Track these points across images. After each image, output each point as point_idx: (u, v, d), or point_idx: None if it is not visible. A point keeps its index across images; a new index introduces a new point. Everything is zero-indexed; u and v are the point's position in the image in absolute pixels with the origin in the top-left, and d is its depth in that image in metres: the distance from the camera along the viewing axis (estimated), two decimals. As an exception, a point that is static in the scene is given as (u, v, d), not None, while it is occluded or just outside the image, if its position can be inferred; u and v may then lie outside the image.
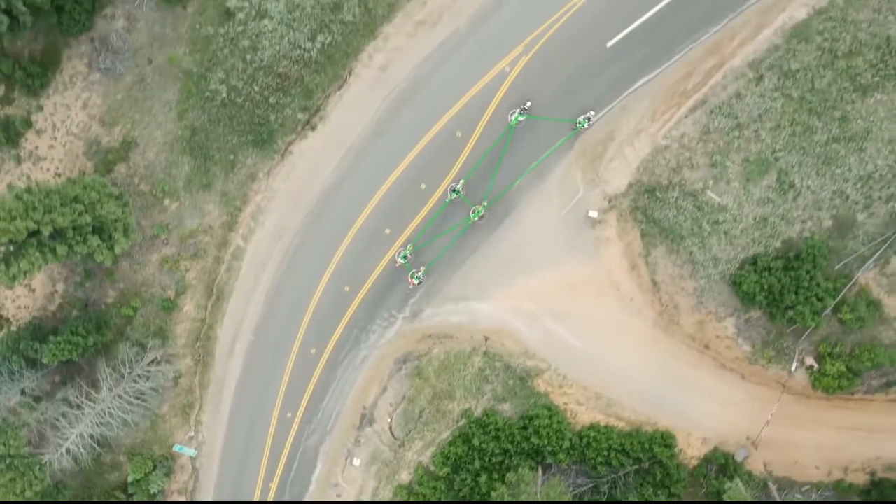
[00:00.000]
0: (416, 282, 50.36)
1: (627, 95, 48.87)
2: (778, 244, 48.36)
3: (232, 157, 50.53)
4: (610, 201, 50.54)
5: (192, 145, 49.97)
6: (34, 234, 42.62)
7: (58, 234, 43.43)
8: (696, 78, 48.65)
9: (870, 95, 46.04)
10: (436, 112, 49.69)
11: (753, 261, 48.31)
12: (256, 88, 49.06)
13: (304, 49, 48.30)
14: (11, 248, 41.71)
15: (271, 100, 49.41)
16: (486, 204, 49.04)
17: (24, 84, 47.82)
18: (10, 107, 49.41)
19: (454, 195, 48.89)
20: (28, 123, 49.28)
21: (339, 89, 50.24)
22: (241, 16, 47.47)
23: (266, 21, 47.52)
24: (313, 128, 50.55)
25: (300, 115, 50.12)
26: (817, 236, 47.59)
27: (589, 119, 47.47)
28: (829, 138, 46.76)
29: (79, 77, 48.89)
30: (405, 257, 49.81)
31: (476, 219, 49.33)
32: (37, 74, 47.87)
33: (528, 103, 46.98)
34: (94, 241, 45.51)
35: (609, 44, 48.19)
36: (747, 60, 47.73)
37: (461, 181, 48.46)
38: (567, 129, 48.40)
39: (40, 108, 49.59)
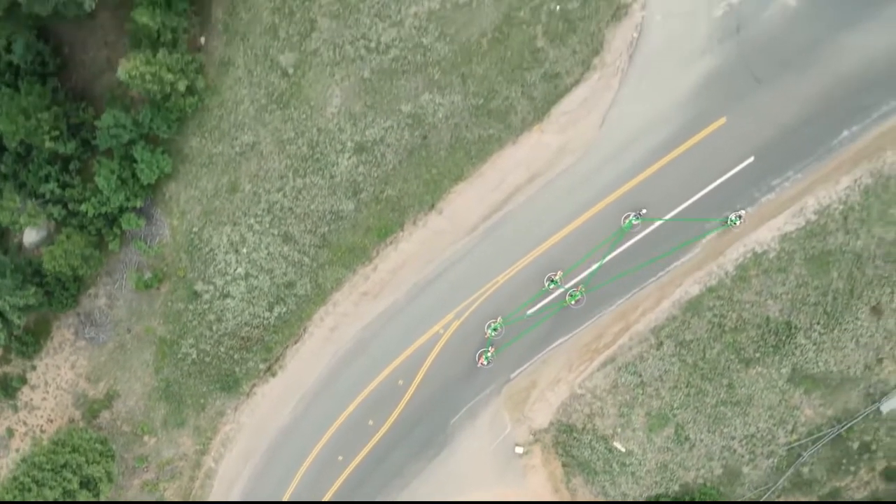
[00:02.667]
0: (485, 361, 54.03)
1: (547, 353, 56.01)
2: (676, 487, 55.98)
3: (203, 400, 57.90)
4: (535, 435, 58.04)
5: (168, 394, 57.29)
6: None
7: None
8: (606, 338, 55.91)
9: (752, 367, 53.37)
10: (380, 365, 56.95)
11: (656, 499, 55.97)
12: (222, 349, 56.29)
13: (263, 318, 55.45)
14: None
15: (236, 357, 56.66)
16: (583, 289, 52.19)
17: (19, 350, 55.06)
18: (8, 366, 56.70)
19: (551, 285, 51.94)
20: (23, 380, 56.61)
21: (295, 343, 57.43)
22: (206, 296, 54.54)
23: (229, 300, 54.62)
24: (273, 374, 57.85)
25: (262, 366, 57.42)
26: (709, 483, 55.20)
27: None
28: (718, 401, 54.16)
29: (67, 343, 56.11)
30: (495, 329, 53.26)
31: (572, 302, 52.56)
32: (30, 343, 55.10)
33: (644, 210, 50.59)
34: (82, 494, 53.08)
35: (528, 312, 55.31)
36: (649, 327, 54.87)
37: (559, 272, 52.02)
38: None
39: (34, 368, 56.91)
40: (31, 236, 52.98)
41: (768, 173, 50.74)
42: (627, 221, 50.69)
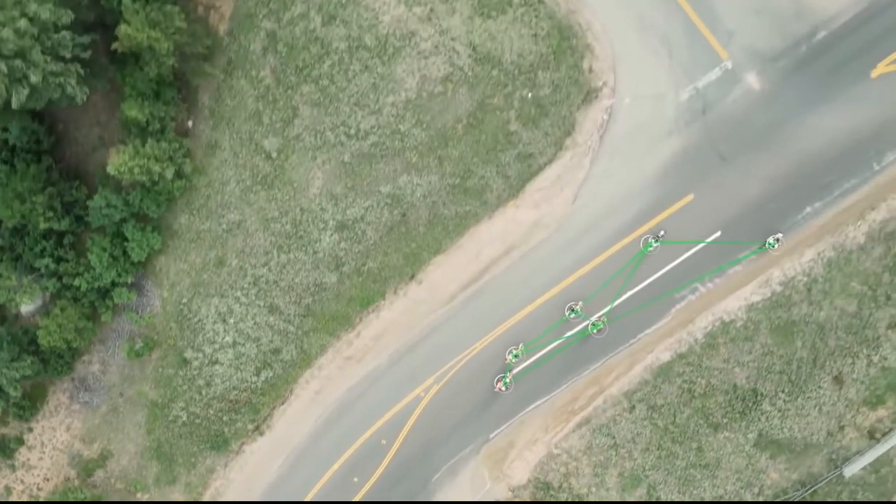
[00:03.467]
0: (503, 387, 55.20)
1: (523, 415, 58.21)
2: (648, 545, 58.15)
3: (193, 459, 60.19)
4: (513, 492, 60.24)
5: (160, 453, 59.59)
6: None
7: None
8: (581, 401, 58.09)
9: (720, 432, 55.51)
10: (364, 425, 59.13)
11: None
12: (212, 411, 58.56)
13: (251, 382, 57.72)
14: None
15: (224, 418, 58.92)
16: (605, 319, 53.16)
17: (16, 414, 57.42)
18: (6, 428, 59.05)
19: (572, 315, 52.92)
20: (21, 441, 58.96)
21: (282, 404, 59.68)
22: (196, 363, 56.82)
23: (217, 366, 56.90)
24: (261, 433, 60.10)
25: (250, 426, 59.68)
26: (679, 542, 57.31)
27: None
28: (688, 463, 56.33)
29: (62, 407, 58.43)
30: (516, 356, 54.42)
31: (594, 332, 53.62)
32: (27, 406, 57.40)
33: (662, 232, 51.59)
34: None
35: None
36: (622, 391, 57.03)
37: (580, 303, 53.19)
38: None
39: (30, 430, 59.23)
40: (27, 307, 55.26)
41: (735, 247, 52.74)
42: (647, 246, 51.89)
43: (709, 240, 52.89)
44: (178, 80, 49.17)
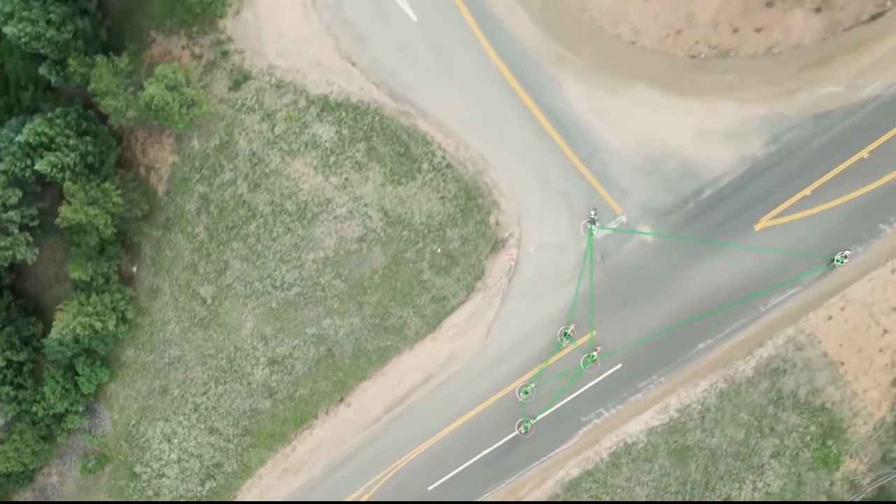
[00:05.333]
0: (523, 430, 57.63)
1: (444, 524, 63.36)
2: None
3: (147, 554, 65.86)
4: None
5: (117, 551, 65.28)
6: None
7: None
8: (497, 511, 63.29)
9: (622, 545, 60.64)
10: (300, 530, 64.61)
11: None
12: (163, 515, 64.15)
13: (196, 492, 63.21)
14: None
15: (175, 521, 64.50)
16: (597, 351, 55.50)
17: (-15, 514, 63.22)
18: (-27, 531, 64.78)
19: (566, 339, 54.97)
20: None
21: (227, 507, 65.22)
22: (145, 476, 62.34)
23: (165, 479, 62.40)
24: (213, 532, 65.65)
25: (199, 528, 65.24)
26: None
27: None
28: (593, 574, 61.46)
29: (26, 511, 64.13)
30: (526, 392, 56.84)
31: (586, 367, 55.99)
32: (-7, 506, 63.17)
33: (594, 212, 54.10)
34: None
35: (430, 487, 62.85)
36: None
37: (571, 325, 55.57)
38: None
39: (-1, 528, 65.00)
40: (-10, 426, 60.94)
41: (635, 377, 57.78)
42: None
43: (609, 372, 57.74)
44: (122, 234, 54.40)
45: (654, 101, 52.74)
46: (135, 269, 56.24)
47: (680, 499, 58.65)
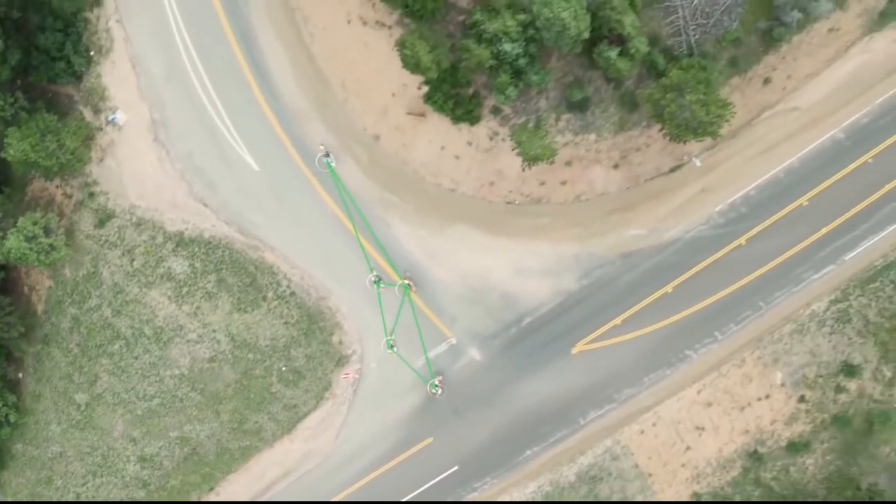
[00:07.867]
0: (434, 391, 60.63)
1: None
2: None
3: None
4: None
5: None
6: None
7: None
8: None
9: None
10: None
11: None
12: (56, 586, 71.54)
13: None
14: None
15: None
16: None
17: None
18: None
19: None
20: None
21: (116, 578, 72.42)
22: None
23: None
24: None
25: None
26: None
27: None
28: None
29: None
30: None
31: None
32: None
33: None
34: None
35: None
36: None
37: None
38: None
39: None
40: None
41: (471, 478, 64.08)
42: None
43: (445, 474, 64.17)
44: (5, 347, 61.50)
45: (476, 240, 58.77)
46: (20, 374, 63.28)
47: (509, 588, 64.75)
